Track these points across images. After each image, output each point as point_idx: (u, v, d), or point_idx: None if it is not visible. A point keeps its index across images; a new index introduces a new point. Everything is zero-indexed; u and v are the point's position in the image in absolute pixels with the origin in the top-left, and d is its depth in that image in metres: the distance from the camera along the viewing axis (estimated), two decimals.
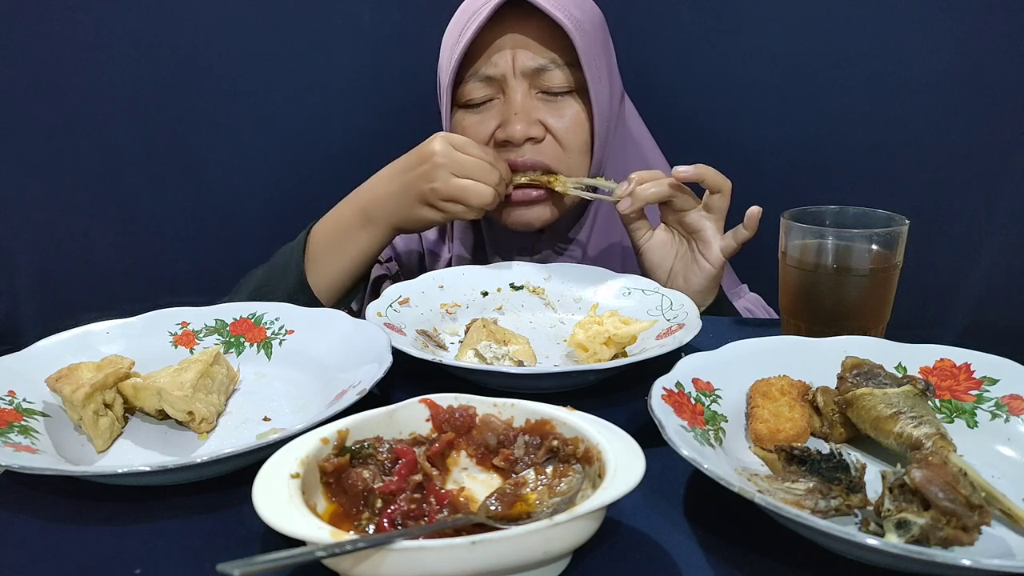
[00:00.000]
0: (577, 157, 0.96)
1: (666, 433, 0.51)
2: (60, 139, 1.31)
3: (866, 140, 1.23)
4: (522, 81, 0.93)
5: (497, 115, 0.95)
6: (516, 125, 0.92)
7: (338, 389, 0.63)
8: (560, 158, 0.95)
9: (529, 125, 0.93)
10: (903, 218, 0.73)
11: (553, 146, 0.95)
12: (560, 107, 0.95)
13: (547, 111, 0.94)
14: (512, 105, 0.93)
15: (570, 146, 0.95)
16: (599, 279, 0.88)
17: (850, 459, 0.50)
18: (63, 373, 0.61)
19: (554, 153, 0.95)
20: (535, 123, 0.93)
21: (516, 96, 0.93)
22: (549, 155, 0.95)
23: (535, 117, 0.93)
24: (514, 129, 0.92)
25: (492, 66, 0.93)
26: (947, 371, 0.63)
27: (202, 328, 0.75)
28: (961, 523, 0.44)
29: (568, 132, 0.95)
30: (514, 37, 0.92)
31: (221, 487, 0.54)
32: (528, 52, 0.92)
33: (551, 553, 0.41)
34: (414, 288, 0.85)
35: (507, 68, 0.93)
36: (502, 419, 0.52)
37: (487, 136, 0.95)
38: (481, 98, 0.95)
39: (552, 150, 0.95)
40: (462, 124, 0.98)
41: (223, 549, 0.48)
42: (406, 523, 0.45)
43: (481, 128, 0.96)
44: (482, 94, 0.95)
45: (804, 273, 0.74)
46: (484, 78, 0.94)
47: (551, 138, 0.95)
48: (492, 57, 0.93)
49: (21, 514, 0.52)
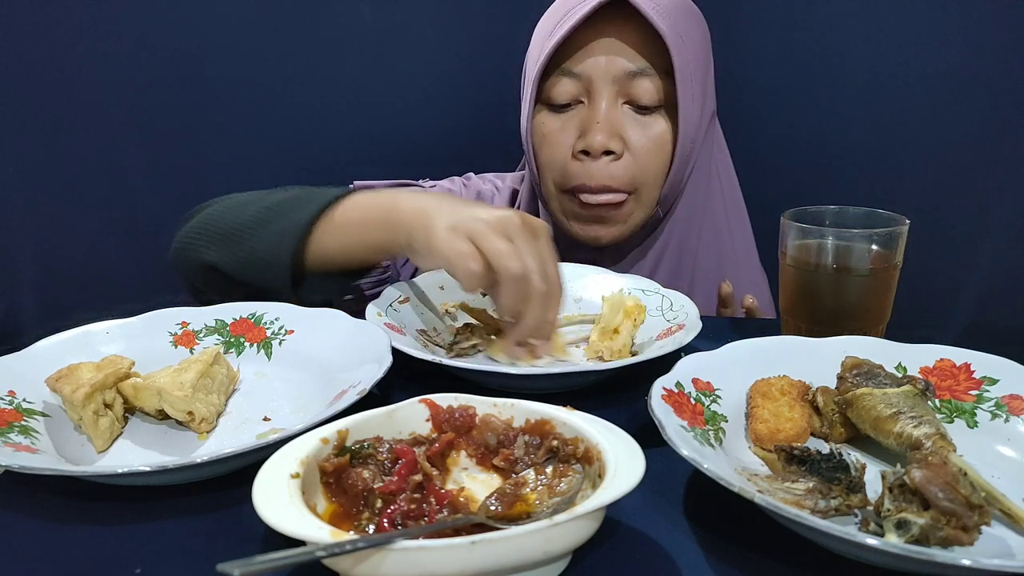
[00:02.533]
0: (652, 178, 0.93)
1: (666, 433, 0.51)
2: (60, 139, 1.31)
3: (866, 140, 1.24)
4: (611, 87, 0.90)
5: (579, 123, 0.92)
6: (597, 136, 0.89)
7: (338, 389, 0.63)
8: (635, 178, 0.92)
9: (610, 137, 0.89)
10: (903, 218, 0.73)
11: (629, 165, 0.91)
12: (645, 122, 0.91)
13: (631, 125, 0.91)
14: (596, 112, 0.90)
15: (647, 166, 0.92)
16: (599, 279, 0.88)
17: (850, 459, 0.50)
18: (63, 373, 0.61)
19: (628, 173, 0.91)
20: (616, 136, 0.90)
21: (601, 103, 0.90)
22: (622, 176, 0.91)
23: (618, 130, 0.91)
24: (594, 139, 0.89)
25: (582, 65, 0.90)
26: (947, 371, 0.63)
27: (202, 328, 0.75)
28: (961, 523, 0.44)
29: (648, 151, 0.91)
30: (610, 40, 0.89)
31: (221, 487, 0.54)
32: (621, 56, 0.89)
33: (551, 553, 0.41)
34: (414, 288, 0.84)
35: (597, 70, 0.90)
36: (502, 419, 0.52)
37: (568, 146, 0.92)
38: (565, 99, 0.92)
39: (626, 170, 0.91)
40: (544, 126, 0.95)
41: (223, 549, 0.48)
42: (406, 523, 0.45)
43: (561, 136, 0.93)
44: (567, 93, 0.92)
45: (804, 273, 0.74)
46: (572, 75, 0.91)
47: (628, 155, 0.91)
48: (584, 57, 0.90)
49: (21, 514, 0.52)
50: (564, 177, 0.94)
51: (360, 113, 1.38)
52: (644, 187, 0.93)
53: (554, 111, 0.94)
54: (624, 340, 0.73)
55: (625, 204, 0.93)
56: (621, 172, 0.91)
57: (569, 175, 0.93)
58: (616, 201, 0.92)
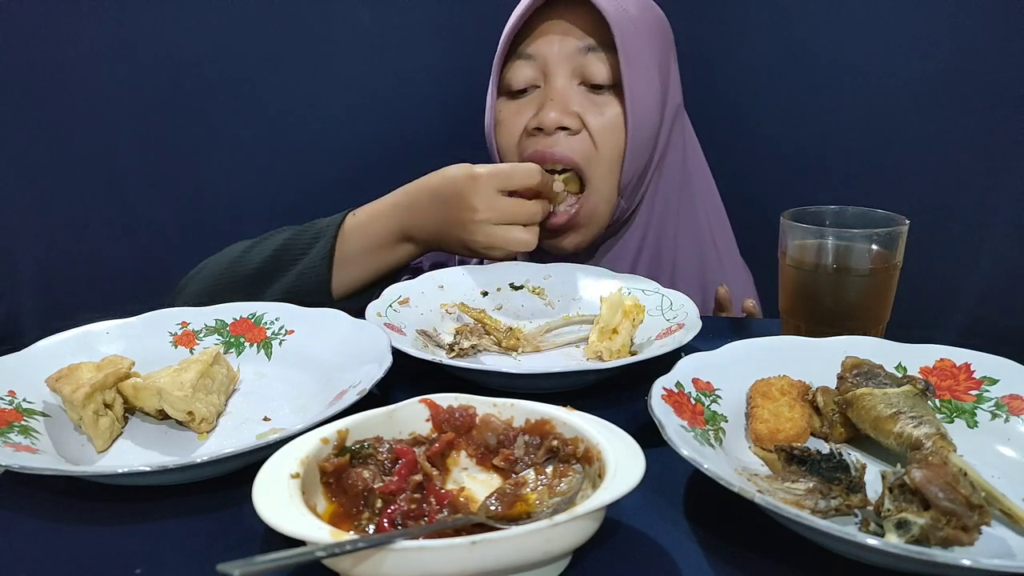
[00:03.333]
0: (608, 162, 0.93)
1: (666, 433, 0.51)
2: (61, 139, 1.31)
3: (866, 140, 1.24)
4: (564, 65, 0.91)
5: (535, 105, 0.93)
6: (550, 112, 0.90)
7: (338, 389, 0.63)
8: (591, 158, 0.92)
9: (564, 114, 0.90)
10: (903, 218, 0.73)
11: (587, 142, 0.92)
12: (600, 102, 0.92)
13: (587, 105, 0.92)
14: (550, 90, 0.92)
15: (604, 147, 0.92)
16: (599, 279, 0.88)
17: (850, 459, 0.50)
18: (63, 373, 0.61)
19: (586, 150, 0.92)
20: (571, 114, 0.91)
21: (556, 81, 0.92)
22: (580, 151, 0.91)
23: (572, 108, 0.91)
24: (547, 116, 0.90)
25: (535, 47, 0.92)
26: (947, 371, 0.63)
27: (202, 328, 0.75)
28: (961, 523, 0.44)
29: (604, 131, 0.92)
30: (561, 22, 0.91)
31: (221, 487, 0.54)
32: (572, 36, 0.91)
33: (551, 553, 0.41)
34: (414, 288, 0.85)
35: (550, 50, 0.91)
36: (502, 419, 0.52)
37: (521, 127, 0.93)
38: (522, 83, 0.94)
39: (585, 146, 0.92)
40: (501, 113, 0.96)
41: (223, 549, 0.48)
42: (406, 523, 0.45)
43: (517, 118, 0.94)
44: (524, 77, 0.93)
45: (804, 273, 0.74)
46: (527, 57, 0.93)
47: (586, 134, 0.92)
48: (538, 39, 0.92)
49: (21, 514, 0.52)
50: (519, 155, 0.95)
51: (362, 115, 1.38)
52: (600, 170, 0.93)
53: (512, 97, 0.96)
54: (623, 340, 0.73)
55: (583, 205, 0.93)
56: (579, 146, 0.92)
57: (523, 149, 0.94)
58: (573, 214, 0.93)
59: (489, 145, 1.00)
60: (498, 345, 0.78)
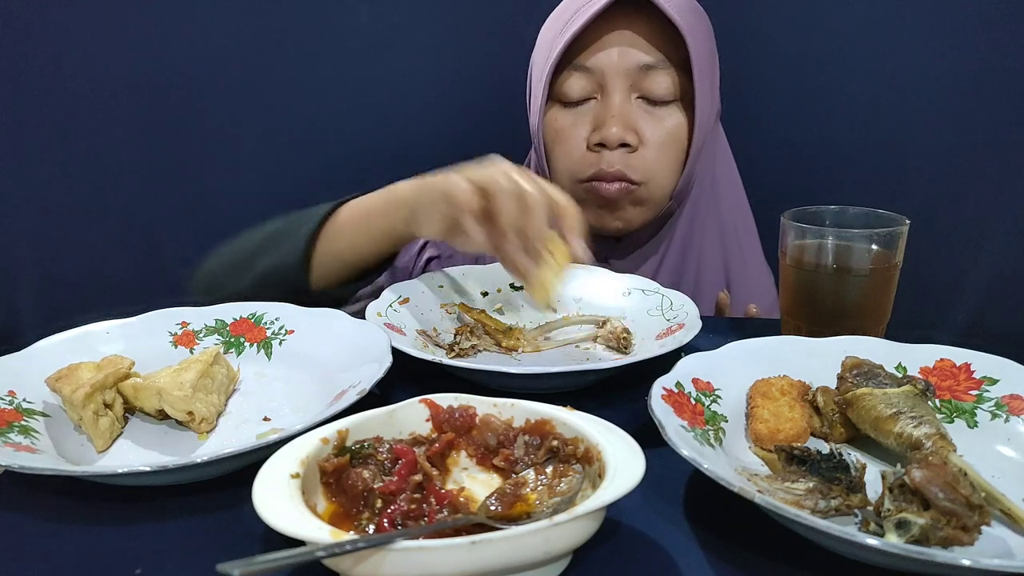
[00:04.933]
0: (667, 173, 0.93)
1: (666, 433, 0.51)
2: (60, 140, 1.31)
3: (866, 140, 1.24)
4: (624, 81, 0.90)
5: (592, 118, 0.92)
6: (612, 128, 0.89)
7: (338, 389, 0.63)
8: (648, 172, 0.92)
9: (626, 130, 0.89)
10: (903, 218, 0.73)
11: (644, 157, 0.91)
12: (660, 116, 0.91)
13: (645, 119, 0.91)
14: (610, 106, 0.90)
15: (661, 160, 0.92)
16: (599, 279, 0.88)
17: (850, 459, 0.50)
18: (63, 373, 0.61)
19: (644, 166, 0.91)
20: (631, 130, 0.90)
21: (615, 97, 0.90)
22: (637, 167, 0.91)
23: (634, 124, 0.90)
24: (610, 132, 0.89)
25: (594, 59, 0.90)
26: (947, 371, 0.63)
27: (202, 328, 0.75)
28: (961, 523, 0.44)
29: (663, 145, 0.91)
30: (622, 33, 0.89)
31: (221, 487, 0.54)
32: (635, 50, 0.89)
33: (551, 553, 0.41)
34: (414, 288, 0.85)
35: (609, 64, 0.90)
36: (502, 419, 0.52)
37: (582, 140, 0.92)
38: (577, 95, 0.92)
39: (642, 162, 0.91)
40: (556, 122, 0.95)
41: (223, 549, 0.48)
42: (406, 523, 0.45)
43: (575, 131, 0.93)
44: (579, 88, 0.92)
45: (804, 273, 0.74)
46: (584, 70, 0.91)
47: (643, 149, 0.91)
48: (596, 51, 0.90)
49: (21, 514, 0.52)
50: (580, 169, 0.94)
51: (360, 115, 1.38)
52: (657, 180, 0.93)
53: (567, 107, 0.94)
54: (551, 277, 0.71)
55: (639, 192, 0.93)
56: (637, 163, 0.91)
57: (586, 165, 0.93)
58: (630, 189, 0.92)
59: (539, 152, 0.98)
60: (498, 345, 0.78)
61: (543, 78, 0.92)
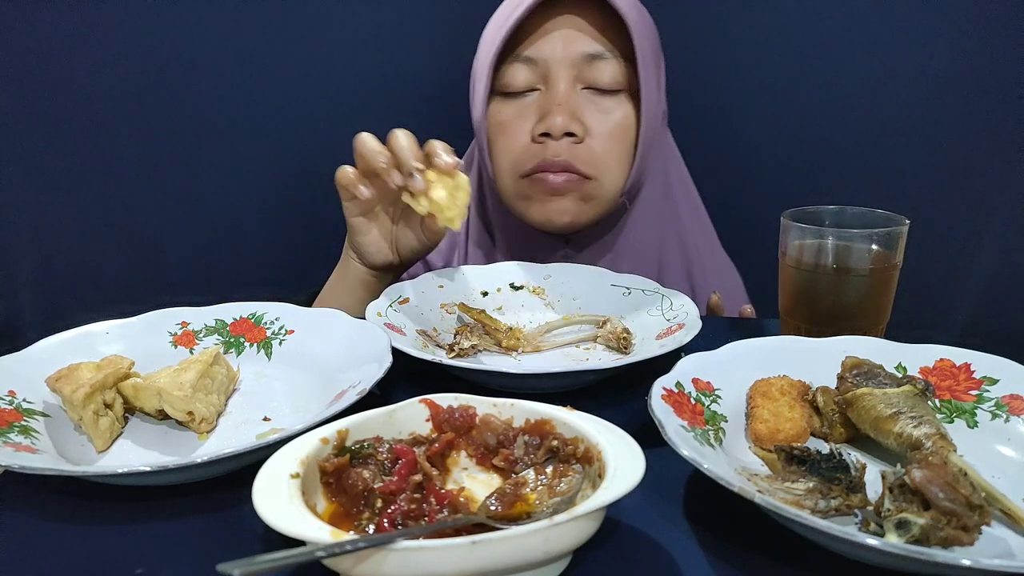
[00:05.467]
0: (615, 166, 0.91)
1: (666, 433, 0.51)
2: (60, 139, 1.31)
3: (866, 140, 1.24)
4: (569, 71, 0.88)
5: (536, 109, 0.90)
6: (557, 117, 0.86)
7: (338, 389, 0.63)
8: (596, 164, 0.89)
9: (571, 119, 0.87)
10: (903, 218, 0.73)
11: (591, 149, 0.89)
12: (606, 108, 0.90)
13: (591, 110, 0.89)
14: (555, 95, 0.88)
15: (610, 152, 0.90)
16: (599, 279, 0.88)
17: (850, 459, 0.50)
18: (63, 373, 0.61)
19: (591, 157, 0.89)
20: (576, 120, 0.88)
21: (560, 87, 0.88)
22: (585, 159, 0.89)
23: (579, 114, 0.88)
24: (554, 121, 0.86)
25: (537, 50, 0.88)
26: (947, 371, 0.63)
27: (202, 328, 0.75)
28: (961, 523, 0.44)
29: (611, 136, 0.89)
30: (567, 22, 0.88)
31: (221, 487, 0.54)
32: (580, 40, 0.88)
33: (551, 553, 0.41)
34: (414, 288, 0.85)
35: (554, 54, 0.88)
36: (502, 419, 0.52)
37: (526, 132, 0.90)
38: (521, 85, 0.90)
39: (589, 153, 0.89)
40: (499, 114, 0.93)
41: (223, 549, 0.48)
42: (406, 523, 0.45)
43: (518, 123, 0.91)
44: (523, 79, 0.90)
45: (804, 273, 0.74)
46: (527, 61, 0.89)
47: (590, 140, 0.89)
48: (539, 41, 0.88)
49: (21, 514, 0.52)
50: (524, 160, 0.91)
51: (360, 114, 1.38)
52: (606, 175, 0.91)
53: (509, 99, 0.92)
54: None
55: (588, 188, 0.91)
56: (584, 155, 0.89)
57: (530, 156, 0.91)
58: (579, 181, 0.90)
59: (480, 146, 0.97)
60: (498, 345, 0.78)
61: (486, 70, 0.91)
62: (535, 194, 0.92)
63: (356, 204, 0.83)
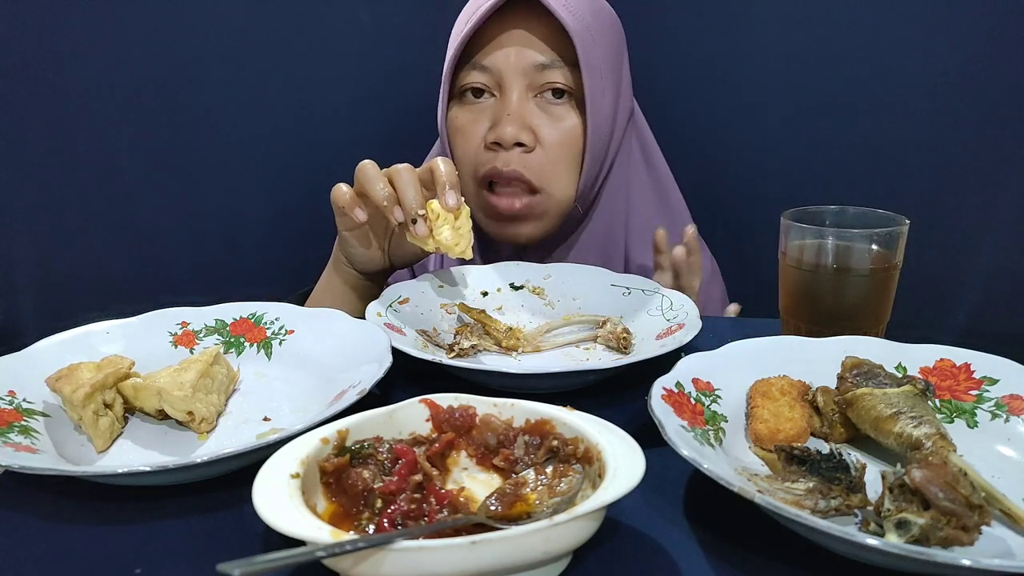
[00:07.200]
0: (564, 174, 0.94)
1: (666, 433, 0.51)
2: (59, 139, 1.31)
3: (866, 140, 1.23)
4: (521, 79, 0.91)
5: (490, 115, 0.93)
6: (507, 127, 0.90)
7: (338, 389, 0.63)
8: (546, 172, 0.93)
9: (521, 129, 0.90)
10: (903, 218, 0.73)
11: (541, 158, 0.92)
12: (557, 116, 0.93)
13: (542, 119, 0.92)
14: (507, 104, 0.91)
15: (559, 159, 0.93)
16: (600, 279, 0.88)
17: (850, 459, 0.50)
18: (63, 373, 0.61)
19: (540, 166, 0.92)
20: (527, 129, 0.91)
21: (512, 95, 0.91)
22: (535, 168, 0.92)
23: (529, 122, 0.91)
24: (504, 130, 0.90)
25: (492, 58, 0.92)
26: (947, 371, 0.63)
27: (202, 328, 0.75)
28: (961, 523, 0.44)
29: (560, 144, 0.92)
30: (518, 33, 0.90)
31: (221, 487, 0.54)
32: (530, 49, 0.91)
33: (551, 553, 0.41)
34: (414, 288, 0.85)
35: (506, 63, 0.91)
36: (502, 419, 0.52)
37: (479, 137, 0.93)
38: (477, 85, 0.93)
39: (539, 163, 0.92)
40: (457, 119, 0.96)
41: (223, 549, 0.48)
42: (406, 523, 0.45)
43: (474, 127, 0.94)
44: (478, 83, 0.93)
45: (804, 273, 0.74)
46: (482, 68, 0.92)
47: (540, 150, 0.92)
48: (493, 50, 0.91)
49: (21, 514, 0.52)
50: (476, 166, 0.95)
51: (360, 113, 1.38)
52: (556, 182, 0.94)
53: (466, 104, 0.95)
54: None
55: (536, 205, 0.94)
56: (534, 164, 0.92)
57: (481, 163, 0.94)
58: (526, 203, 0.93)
59: (444, 150, 1.00)
60: (498, 345, 0.78)
61: (446, 75, 0.94)
62: (493, 212, 0.95)
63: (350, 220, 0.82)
